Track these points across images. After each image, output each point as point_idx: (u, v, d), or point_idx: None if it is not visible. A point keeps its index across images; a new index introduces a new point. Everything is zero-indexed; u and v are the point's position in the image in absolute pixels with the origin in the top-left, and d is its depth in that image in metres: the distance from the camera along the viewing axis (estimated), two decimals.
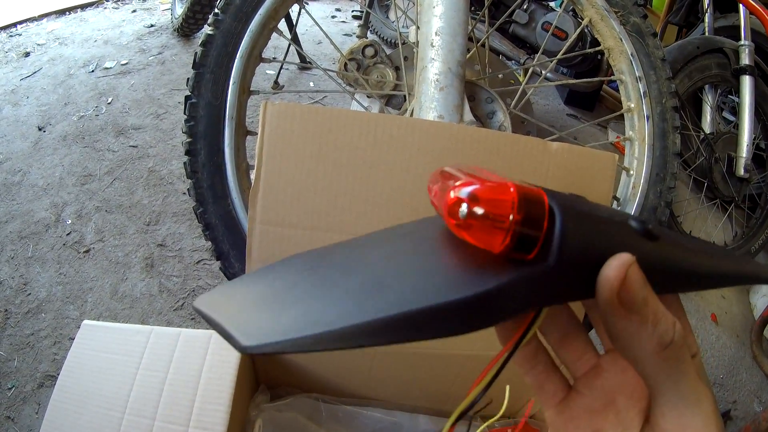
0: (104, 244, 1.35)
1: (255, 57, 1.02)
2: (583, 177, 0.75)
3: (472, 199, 0.24)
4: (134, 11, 2.50)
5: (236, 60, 0.99)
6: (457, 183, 0.25)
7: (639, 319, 0.25)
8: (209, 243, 0.96)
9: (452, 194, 0.25)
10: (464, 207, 0.24)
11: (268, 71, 2.03)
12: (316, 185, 0.70)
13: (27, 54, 2.08)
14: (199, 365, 0.71)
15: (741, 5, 1.73)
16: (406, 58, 1.12)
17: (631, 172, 1.11)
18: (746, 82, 1.72)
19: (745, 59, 1.74)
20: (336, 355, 0.79)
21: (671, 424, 0.27)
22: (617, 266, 0.24)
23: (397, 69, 1.14)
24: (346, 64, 1.12)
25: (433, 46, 0.84)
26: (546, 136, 0.98)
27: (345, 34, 2.56)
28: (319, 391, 0.87)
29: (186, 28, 2.15)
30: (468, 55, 0.91)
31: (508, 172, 0.70)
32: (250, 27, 1.00)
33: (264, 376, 0.86)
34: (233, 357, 0.71)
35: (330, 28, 2.63)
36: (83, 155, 1.59)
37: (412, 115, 0.90)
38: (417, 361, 0.78)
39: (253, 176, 0.71)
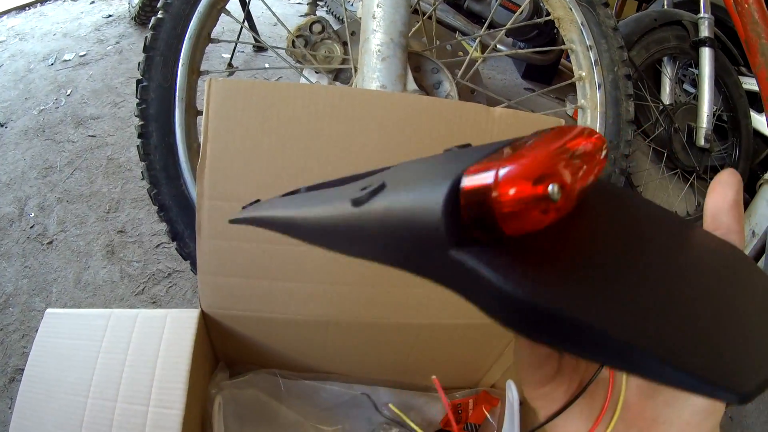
0: (66, 234, 1.34)
1: (204, 38, 1.02)
2: None
3: None
4: (92, 2, 2.46)
5: (185, 41, 0.99)
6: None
7: None
8: (164, 224, 0.96)
9: None
10: None
11: (223, 54, 2.03)
12: (261, 159, 0.70)
13: None
14: (157, 344, 0.71)
15: None
16: (353, 33, 1.12)
17: None
18: (706, 54, 1.74)
19: (705, 31, 1.75)
20: (291, 329, 0.79)
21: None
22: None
23: (344, 44, 1.14)
24: (293, 41, 1.12)
25: (375, 18, 0.84)
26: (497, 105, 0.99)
27: (300, 15, 2.54)
28: (277, 366, 0.88)
29: (143, 17, 2.14)
30: (415, 28, 0.91)
31: (452, 138, 0.70)
32: (198, 9, 1.00)
33: (222, 353, 0.87)
34: (188, 334, 0.72)
35: (285, 10, 2.62)
36: (44, 148, 1.58)
37: (356, 87, 0.90)
38: (372, 331, 0.79)
39: None
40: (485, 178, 0.20)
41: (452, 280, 0.21)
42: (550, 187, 0.20)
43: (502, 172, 0.20)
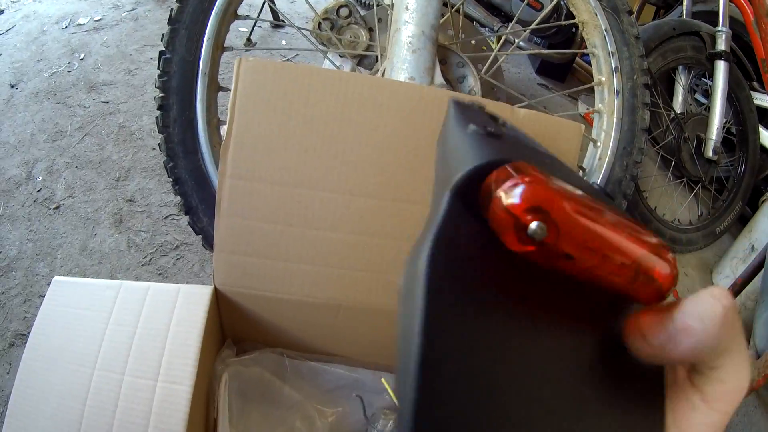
0: (74, 200, 1.34)
1: (230, 14, 1.01)
2: (549, 145, 0.76)
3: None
4: None
5: (212, 16, 0.99)
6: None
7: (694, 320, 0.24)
8: (178, 197, 0.96)
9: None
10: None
11: (240, 28, 2.00)
12: (286, 141, 0.70)
13: (1, 12, 2.03)
14: (168, 319, 0.71)
15: None
16: (380, 20, 1.12)
17: (599, 144, 1.13)
18: (720, 67, 1.75)
19: (722, 45, 1.76)
20: (301, 311, 0.80)
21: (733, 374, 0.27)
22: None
23: (370, 30, 1.14)
24: (320, 24, 1.12)
25: (408, 9, 0.84)
26: (515, 103, 1.00)
27: None
28: (284, 346, 0.89)
29: None
30: (442, 20, 0.91)
31: None
32: None
33: (230, 330, 0.87)
34: (200, 311, 0.72)
35: None
36: (55, 111, 1.57)
37: (383, 75, 0.90)
38: (381, 318, 0.80)
39: (223, 131, 0.72)
40: (503, 177, 0.23)
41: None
42: (534, 224, 0.21)
43: (514, 182, 0.22)
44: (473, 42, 1.29)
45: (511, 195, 0.21)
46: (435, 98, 0.71)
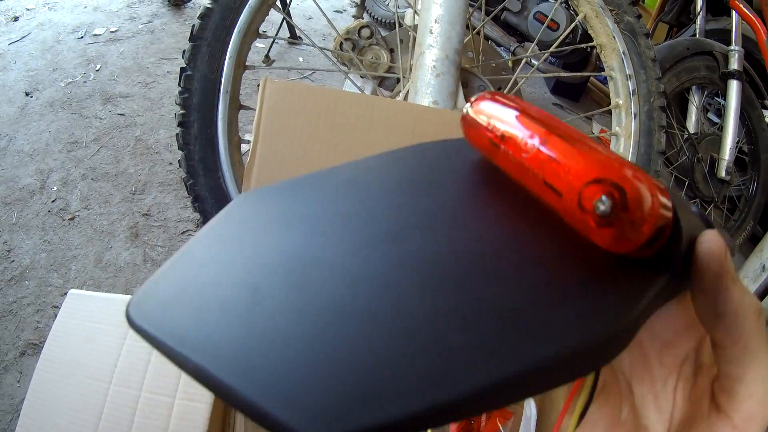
0: (89, 212, 1.34)
1: (252, 32, 1.02)
2: None
3: (621, 196, 0.20)
4: None
5: (234, 34, 0.99)
6: (599, 173, 0.21)
7: (740, 286, 0.23)
8: (197, 214, 0.96)
9: (593, 186, 0.21)
10: (606, 204, 0.20)
11: (257, 44, 2.02)
12: (311, 163, 0.70)
13: (16, 18, 2.04)
14: None
15: (734, 11, 1.75)
16: (401, 41, 1.12)
17: None
18: (734, 87, 1.74)
19: (734, 64, 1.76)
20: None
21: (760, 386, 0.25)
22: (716, 239, 0.23)
23: (391, 51, 1.15)
24: (341, 44, 1.12)
25: (432, 33, 0.84)
26: None
27: (336, 11, 2.53)
28: None
29: None
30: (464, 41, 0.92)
31: None
32: (249, 2, 1.00)
33: None
34: None
35: (322, 4, 2.62)
36: (70, 122, 1.58)
37: (406, 97, 0.91)
38: None
39: (244, 150, 0.72)
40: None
41: None
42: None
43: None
44: (494, 65, 1.29)
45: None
46: (459, 123, 0.71)
